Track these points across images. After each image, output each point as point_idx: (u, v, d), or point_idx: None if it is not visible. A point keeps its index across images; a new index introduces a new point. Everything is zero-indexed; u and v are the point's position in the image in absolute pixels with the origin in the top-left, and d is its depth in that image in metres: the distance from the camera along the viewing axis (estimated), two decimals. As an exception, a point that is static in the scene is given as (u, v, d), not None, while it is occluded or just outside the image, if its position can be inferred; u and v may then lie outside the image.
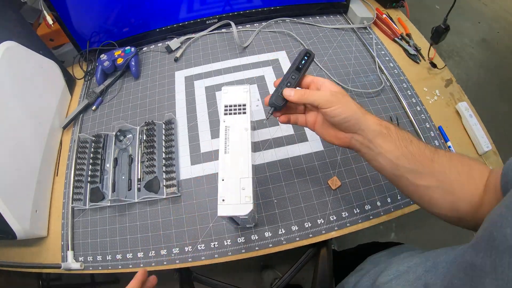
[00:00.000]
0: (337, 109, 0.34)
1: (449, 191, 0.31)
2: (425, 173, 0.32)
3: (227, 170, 0.37)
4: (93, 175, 0.54)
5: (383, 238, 1.18)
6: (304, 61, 0.39)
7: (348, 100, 0.35)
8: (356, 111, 0.34)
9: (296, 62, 0.39)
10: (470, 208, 0.30)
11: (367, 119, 0.34)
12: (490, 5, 1.98)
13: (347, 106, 0.34)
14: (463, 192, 0.31)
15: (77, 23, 0.64)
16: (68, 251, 0.49)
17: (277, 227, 0.48)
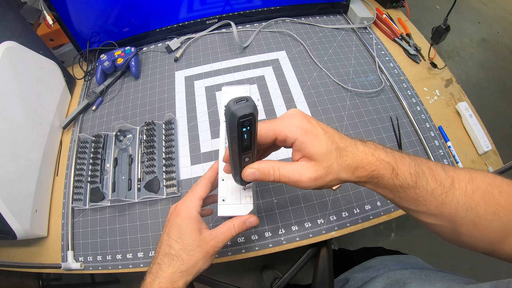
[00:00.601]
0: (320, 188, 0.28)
1: (464, 234, 0.27)
2: (431, 215, 0.27)
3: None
4: (93, 175, 0.54)
5: (383, 238, 1.18)
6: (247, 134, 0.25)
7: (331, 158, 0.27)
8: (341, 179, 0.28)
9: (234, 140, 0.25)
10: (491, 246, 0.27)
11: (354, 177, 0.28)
12: (490, 5, 1.98)
13: (331, 182, 0.28)
14: (481, 234, 0.26)
15: (77, 23, 0.64)
16: (68, 251, 0.49)
17: (277, 227, 0.48)
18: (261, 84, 0.64)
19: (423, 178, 0.27)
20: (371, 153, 0.27)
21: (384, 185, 0.27)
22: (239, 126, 0.23)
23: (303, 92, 0.62)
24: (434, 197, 0.26)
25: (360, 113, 0.59)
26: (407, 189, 0.27)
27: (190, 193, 0.34)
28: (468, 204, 0.26)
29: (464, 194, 0.26)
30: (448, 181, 0.27)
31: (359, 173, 0.27)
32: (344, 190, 0.51)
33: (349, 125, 0.57)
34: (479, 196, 0.26)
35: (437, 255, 1.12)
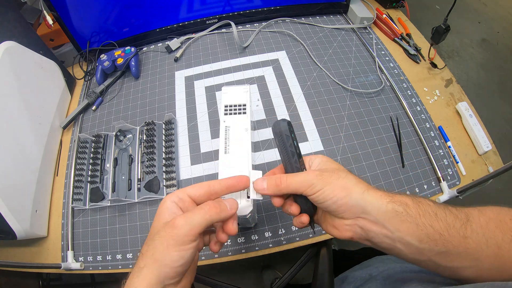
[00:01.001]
0: (324, 192, 0.27)
1: (486, 268, 0.26)
2: (457, 253, 0.26)
3: (227, 170, 0.37)
4: (93, 175, 0.54)
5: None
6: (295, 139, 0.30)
7: (341, 176, 0.27)
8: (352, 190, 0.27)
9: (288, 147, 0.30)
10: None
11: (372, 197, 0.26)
12: (490, 5, 1.98)
13: (337, 185, 0.27)
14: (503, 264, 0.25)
15: (77, 23, 0.64)
16: (68, 251, 0.49)
17: (277, 227, 0.48)
18: (261, 84, 0.64)
19: (441, 210, 0.26)
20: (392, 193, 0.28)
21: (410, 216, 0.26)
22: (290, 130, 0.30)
23: (303, 92, 0.62)
24: (456, 229, 0.25)
25: (360, 113, 0.59)
26: (430, 219, 0.26)
27: None
28: (487, 234, 0.25)
29: (480, 226, 0.26)
30: (463, 215, 0.26)
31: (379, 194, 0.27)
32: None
33: (349, 125, 0.57)
34: (494, 226, 0.25)
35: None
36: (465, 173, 0.53)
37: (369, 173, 0.52)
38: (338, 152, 0.54)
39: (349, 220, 0.28)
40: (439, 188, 0.51)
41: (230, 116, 0.42)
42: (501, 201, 0.31)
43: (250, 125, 0.41)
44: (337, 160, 0.53)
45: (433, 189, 0.51)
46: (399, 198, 0.27)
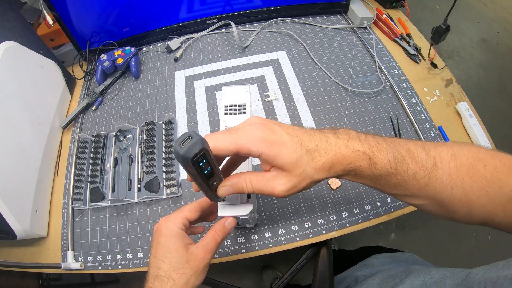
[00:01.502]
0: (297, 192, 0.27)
1: (451, 211, 0.27)
2: (416, 196, 0.27)
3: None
4: (93, 175, 0.54)
5: (383, 238, 1.18)
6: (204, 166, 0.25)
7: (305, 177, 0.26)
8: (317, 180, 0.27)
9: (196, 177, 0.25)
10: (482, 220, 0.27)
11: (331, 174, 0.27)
12: (490, 5, 1.98)
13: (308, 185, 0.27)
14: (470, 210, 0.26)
15: (77, 23, 0.64)
16: (68, 251, 0.49)
17: (277, 227, 0.48)
18: (261, 84, 0.64)
19: (403, 163, 0.26)
20: (345, 145, 0.26)
21: (364, 176, 0.27)
22: (195, 164, 0.23)
23: (303, 92, 0.62)
24: (417, 180, 0.26)
25: (360, 113, 0.59)
26: (388, 176, 0.26)
27: (175, 211, 0.33)
28: (453, 182, 0.25)
29: (448, 173, 0.25)
30: (430, 162, 0.26)
31: (335, 169, 0.26)
32: (344, 190, 0.51)
33: (349, 125, 0.57)
34: (464, 173, 0.25)
35: (437, 255, 1.13)
36: (465, 173, 0.53)
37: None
38: (338, 152, 0.54)
39: None
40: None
41: (230, 116, 0.42)
42: None
43: None
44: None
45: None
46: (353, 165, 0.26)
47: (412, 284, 0.33)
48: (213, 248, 0.31)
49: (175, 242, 0.30)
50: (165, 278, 0.29)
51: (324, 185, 0.51)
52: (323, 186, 0.51)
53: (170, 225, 0.31)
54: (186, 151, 0.22)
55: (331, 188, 0.51)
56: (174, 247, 0.30)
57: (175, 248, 0.30)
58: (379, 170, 0.26)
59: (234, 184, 0.28)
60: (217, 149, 0.25)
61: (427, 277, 0.33)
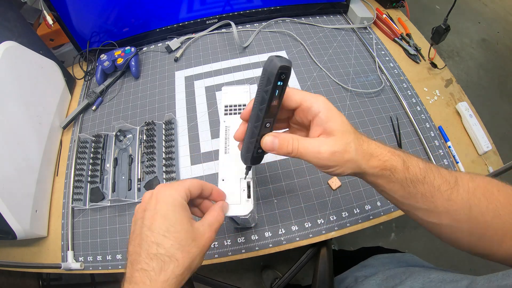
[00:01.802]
0: (336, 170, 0.27)
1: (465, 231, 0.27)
2: (438, 212, 0.27)
3: (227, 170, 0.37)
4: (93, 175, 0.54)
5: (383, 239, 1.18)
6: (280, 91, 0.25)
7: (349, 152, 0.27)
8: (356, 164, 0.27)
9: (267, 95, 0.25)
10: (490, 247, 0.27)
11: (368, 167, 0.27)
12: (490, 5, 1.98)
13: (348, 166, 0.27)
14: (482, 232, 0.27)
15: (77, 23, 0.64)
16: (68, 251, 0.49)
17: (277, 227, 0.48)
18: (261, 84, 0.64)
19: (431, 174, 0.27)
20: (383, 147, 0.28)
21: (396, 179, 0.27)
22: (277, 76, 0.24)
23: (303, 92, 0.62)
24: (441, 193, 0.27)
25: (360, 113, 0.59)
26: (417, 183, 0.27)
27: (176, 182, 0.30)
28: (472, 201, 0.26)
29: (467, 191, 0.27)
30: (452, 179, 0.27)
31: (373, 162, 0.27)
32: (344, 190, 0.51)
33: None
34: (481, 193, 0.26)
35: (437, 255, 1.13)
36: (465, 173, 0.53)
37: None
38: (338, 152, 0.54)
39: None
40: (439, 188, 0.51)
41: (230, 116, 0.42)
42: None
43: None
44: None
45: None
46: (390, 163, 0.27)
47: (412, 286, 0.33)
48: (217, 229, 0.29)
49: (180, 213, 0.26)
50: (166, 257, 0.24)
51: (324, 185, 0.51)
52: (323, 186, 0.51)
53: (172, 191, 0.27)
54: (279, 60, 0.24)
55: (331, 188, 0.51)
56: (179, 219, 0.25)
57: (180, 220, 0.25)
58: (411, 174, 0.27)
59: (281, 137, 0.27)
60: (287, 94, 0.27)
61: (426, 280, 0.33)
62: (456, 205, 0.27)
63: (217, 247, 0.47)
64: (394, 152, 0.28)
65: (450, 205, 0.27)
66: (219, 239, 0.48)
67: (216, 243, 0.47)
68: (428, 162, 0.28)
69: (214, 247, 0.47)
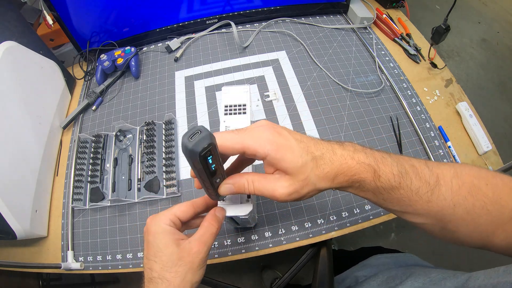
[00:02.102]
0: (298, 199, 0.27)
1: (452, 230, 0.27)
2: (418, 214, 0.27)
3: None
4: (93, 175, 0.54)
5: (383, 239, 1.18)
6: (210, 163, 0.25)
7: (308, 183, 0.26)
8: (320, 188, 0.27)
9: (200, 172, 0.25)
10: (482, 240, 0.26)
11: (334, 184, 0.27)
12: (490, 5, 1.98)
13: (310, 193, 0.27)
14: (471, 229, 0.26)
15: (77, 23, 0.64)
16: (68, 251, 0.49)
17: (277, 227, 0.48)
18: (261, 84, 0.64)
19: (407, 178, 0.26)
20: (350, 157, 0.26)
21: (367, 189, 0.26)
22: (202, 160, 0.23)
23: (303, 92, 0.62)
24: (420, 196, 0.26)
25: (360, 113, 0.59)
26: (391, 190, 0.26)
27: (163, 211, 0.31)
28: (456, 199, 0.25)
29: (450, 190, 0.25)
30: (433, 179, 0.26)
31: (339, 179, 0.26)
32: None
33: (349, 125, 0.57)
34: (466, 191, 0.25)
35: (437, 255, 1.13)
36: (465, 173, 0.53)
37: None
38: (338, 152, 0.54)
39: None
40: (439, 188, 0.51)
41: (230, 116, 0.42)
42: None
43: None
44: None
45: (433, 189, 0.51)
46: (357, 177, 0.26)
47: (412, 286, 0.33)
48: (208, 240, 0.29)
49: (163, 238, 0.28)
50: (158, 279, 0.27)
51: (324, 185, 0.51)
52: (323, 186, 0.51)
53: (157, 221, 0.29)
54: (194, 145, 0.22)
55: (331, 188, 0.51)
56: (163, 244, 0.28)
57: (164, 244, 0.28)
58: (383, 183, 0.26)
59: (236, 183, 0.27)
60: (224, 147, 0.25)
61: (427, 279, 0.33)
62: (437, 206, 0.26)
63: (217, 247, 0.47)
64: (364, 161, 0.26)
65: (430, 206, 0.26)
66: (219, 239, 0.48)
67: (216, 243, 0.47)
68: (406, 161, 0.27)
69: (214, 247, 0.47)
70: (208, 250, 0.29)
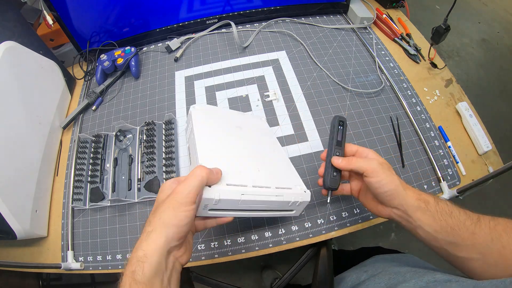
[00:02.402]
0: (382, 180, 0.35)
1: (491, 264, 0.30)
2: (465, 245, 0.31)
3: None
4: (93, 175, 0.54)
5: (383, 239, 1.18)
6: (341, 132, 0.40)
7: (393, 173, 0.36)
8: (399, 186, 0.35)
9: (334, 136, 0.40)
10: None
11: (407, 195, 0.35)
12: (490, 5, 1.98)
13: (392, 179, 0.35)
14: (507, 263, 0.30)
15: (77, 23, 0.64)
16: (68, 251, 0.49)
17: (277, 227, 0.48)
18: (261, 84, 0.64)
19: (456, 210, 0.33)
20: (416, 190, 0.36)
21: (429, 211, 0.33)
22: (336, 123, 0.41)
23: (303, 92, 0.62)
24: (466, 227, 0.31)
25: (360, 113, 0.59)
26: (446, 216, 0.32)
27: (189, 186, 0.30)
28: (493, 234, 0.30)
29: (488, 227, 0.31)
30: (475, 216, 0.32)
31: (409, 192, 0.35)
32: (344, 190, 0.51)
33: (349, 125, 0.57)
34: (501, 229, 0.30)
35: (437, 255, 1.12)
36: (465, 173, 0.53)
37: (369, 173, 0.52)
38: (338, 152, 0.54)
39: (388, 207, 0.37)
40: (439, 188, 0.52)
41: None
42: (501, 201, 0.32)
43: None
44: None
45: (433, 189, 0.51)
46: (424, 196, 0.34)
47: (416, 284, 0.33)
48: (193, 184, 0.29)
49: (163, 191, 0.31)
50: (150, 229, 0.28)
51: (324, 185, 0.51)
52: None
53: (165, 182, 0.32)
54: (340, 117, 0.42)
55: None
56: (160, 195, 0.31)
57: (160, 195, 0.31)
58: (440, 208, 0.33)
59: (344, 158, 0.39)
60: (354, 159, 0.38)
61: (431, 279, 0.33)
62: (480, 238, 0.31)
63: (217, 247, 0.47)
64: (426, 193, 0.35)
65: (474, 238, 0.31)
66: (219, 239, 0.48)
67: (216, 243, 0.47)
68: (456, 207, 0.33)
69: (214, 247, 0.47)
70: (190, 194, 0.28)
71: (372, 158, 0.37)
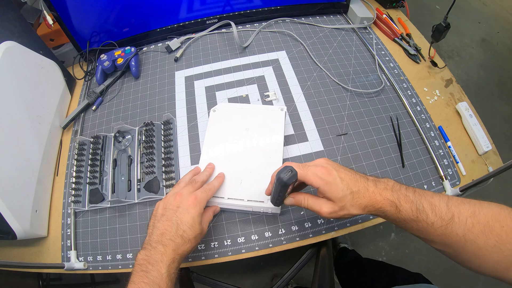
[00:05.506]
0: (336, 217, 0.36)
1: (466, 261, 0.31)
2: (436, 242, 0.32)
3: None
4: (93, 176, 0.54)
5: (383, 238, 1.18)
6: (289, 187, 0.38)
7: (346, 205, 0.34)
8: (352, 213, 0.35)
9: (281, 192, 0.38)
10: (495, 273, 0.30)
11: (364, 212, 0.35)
12: (490, 5, 1.98)
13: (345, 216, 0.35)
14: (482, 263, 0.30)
15: (77, 23, 0.64)
16: (71, 251, 0.49)
17: (277, 227, 0.48)
18: (261, 84, 0.64)
19: (423, 213, 0.32)
20: (379, 193, 0.34)
21: (391, 218, 0.34)
22: (287, 186, 0.35)
23: (303, 92, 0.62)
24: (434, 229, 0.31)
25: (360, 113, 0.59)
26: (410, 221, 0.32)
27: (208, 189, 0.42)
28: (467, 236, 0.30)
29: (463, 228, 0.30)
30: (448, 215, 0.31)
31: (368, 209, 0.34)
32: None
33: (349, 125, 0.57)
34: (479, 230, 0.29)
35: (437, 256, 1.12)
36: (465, 173, 0.53)
37: (369, 173, 0.52)
38: (338, 152, 0.54)
39: None
40: (439, 188, 0.51)
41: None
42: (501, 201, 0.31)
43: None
44: (337, 160, 0.53)
45: (433, 189, 0.51)
46: (383, 210, 0.33)
47: None
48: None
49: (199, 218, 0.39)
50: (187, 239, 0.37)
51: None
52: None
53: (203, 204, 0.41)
54: (287, 179, 0.33)
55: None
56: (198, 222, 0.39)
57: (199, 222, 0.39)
58: (403, 215, 0.32)
59: (296, 198, 0.38)
60: None
61: None
62: (450, 238, 0.31)
63: (217, 247, 0.47)
64: (389, 198, 0.33)
65: (445, 238, 0.31)
66: (219, 239, 0.48)
67: (216, 243, 0.47)
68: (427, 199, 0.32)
69: (214, 247, 0.47)
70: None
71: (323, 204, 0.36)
